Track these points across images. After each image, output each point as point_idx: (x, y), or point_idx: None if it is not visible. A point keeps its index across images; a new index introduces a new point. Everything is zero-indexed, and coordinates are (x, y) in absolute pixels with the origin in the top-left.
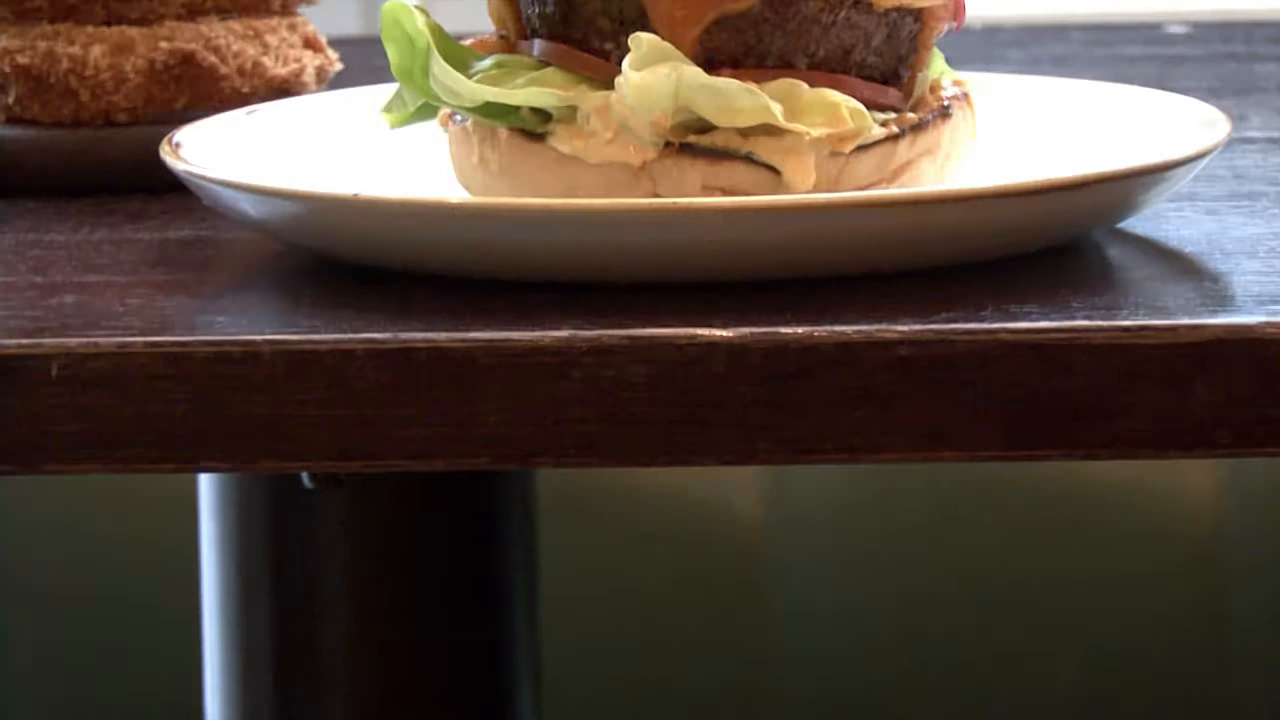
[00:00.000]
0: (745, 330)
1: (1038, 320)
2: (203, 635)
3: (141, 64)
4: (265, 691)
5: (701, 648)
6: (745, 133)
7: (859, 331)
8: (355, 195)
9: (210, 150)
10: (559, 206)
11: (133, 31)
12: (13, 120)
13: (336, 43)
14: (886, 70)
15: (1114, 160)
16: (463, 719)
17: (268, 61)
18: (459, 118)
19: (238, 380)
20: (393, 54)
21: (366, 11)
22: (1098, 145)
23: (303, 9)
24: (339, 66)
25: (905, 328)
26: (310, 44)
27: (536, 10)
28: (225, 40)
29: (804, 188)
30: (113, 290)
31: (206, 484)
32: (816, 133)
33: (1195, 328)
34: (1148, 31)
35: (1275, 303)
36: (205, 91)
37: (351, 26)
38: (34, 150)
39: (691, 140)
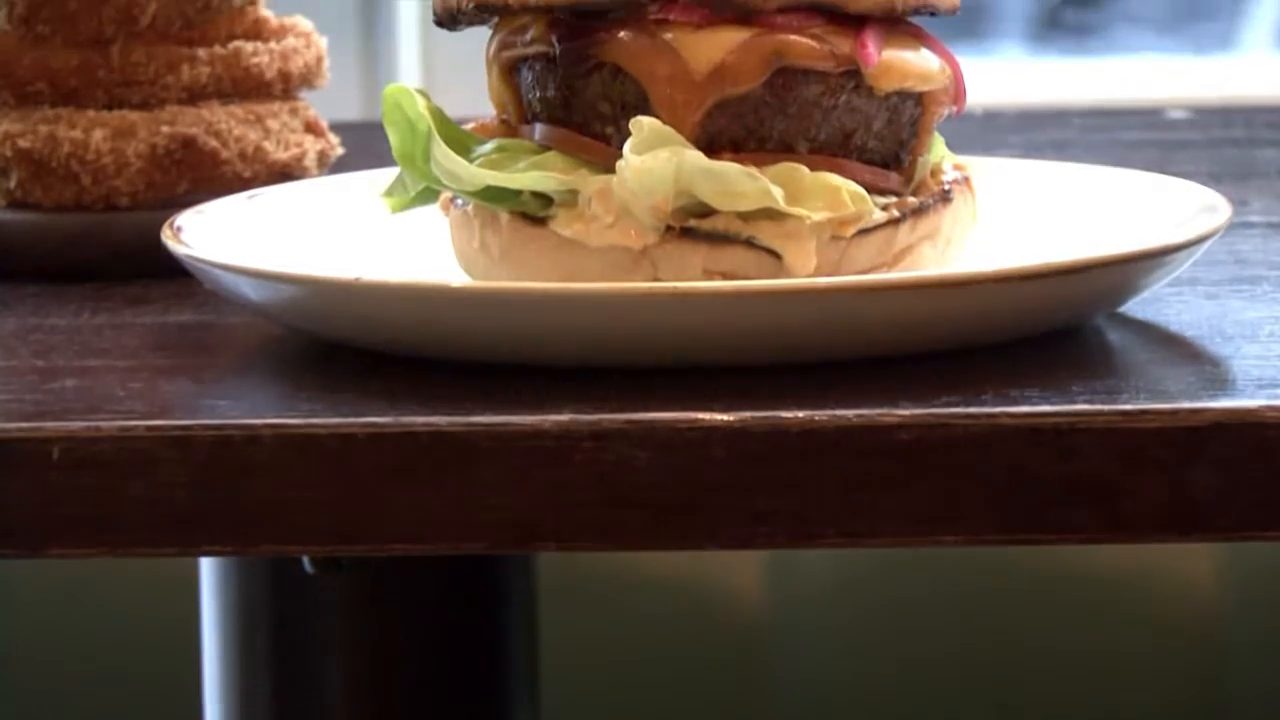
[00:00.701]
0: (746, 414)
1: (1038, 404)
2: (204, 718)
3: (143, 148)
4: None
5: None
6: (746, 217)
7: (859, 416)
8: (357, 279)
9: (212, 234)
10: (560, 291)
11: (134, 116)
12: (14, 204)
13: (338, 127)
14: (887, 154)
15: (1114, 245)
16: None
17: (269, 146)
18: (460, 202)
19: (239, 463)
20: (394, 138)
21: (368, 96)
22: (1098, 230)
23: (304, 94)
24: (340, 151)
25: (905, 412)
26: (312, 128)
27: (537, 94)
28: (227, 125)
29: (805, 272)
30: (114, 374)
31: (208, 566)
32: (817, 217)
33: (1196, 411)
34: (1148, 117)
35: (1276, 386)
36: (207, 176)
37: (353, 111)
38: (35, 234)
39: (692, 224)
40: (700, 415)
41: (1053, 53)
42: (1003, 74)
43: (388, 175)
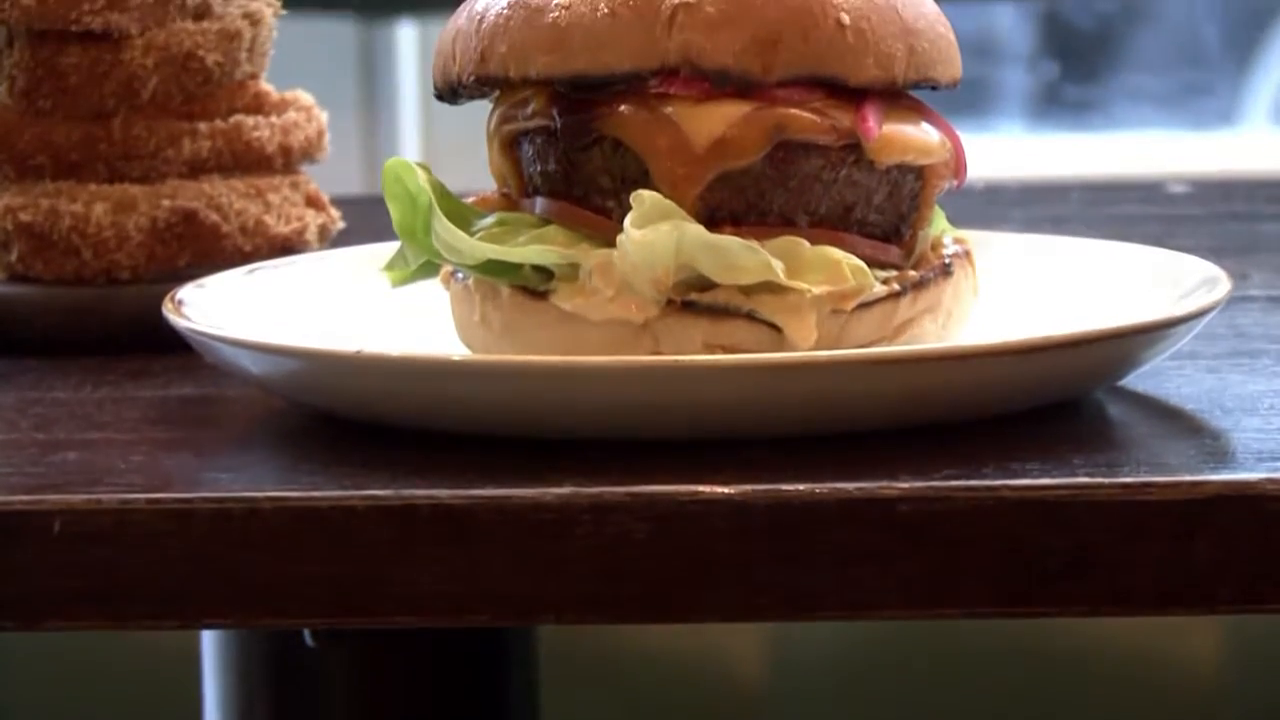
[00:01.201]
0: (747, 487)
1: (1039, 477)
2: None
3: (144, 222)
4: None
5: None
6: (747, 290)
7: (860, 489)
8: (358, 352)
9: (213, 308)
10: (561, 364)
11: (135, 189)
12: (15, 278)
13: (339, 201)
14: (888, 227)
15: (1115, 318)
16: None
17: (270, 219)
18: (460, 275)
19: (239, 537)
20: (394, 211)
21: (369, 170)
22: (1099, 303)
23: (306, 167)
24: (341, 225)
25: (906, 484)
26: (313, 202)
27: (538, 168)
28: (228, 198)
29: (806, 346)
30: (115, 447)
31: (209, 639)
32: (818, 290)
33: (1196, 484)
34: (1148, 191)
35: (1276, 459)
36: (208, 249)
37: (354, 185)
38: (36, 308)
39: (694, 298)
40: (701, 488)
41: (1053, 128)
42: (1003, 149)
43: (388, 249)
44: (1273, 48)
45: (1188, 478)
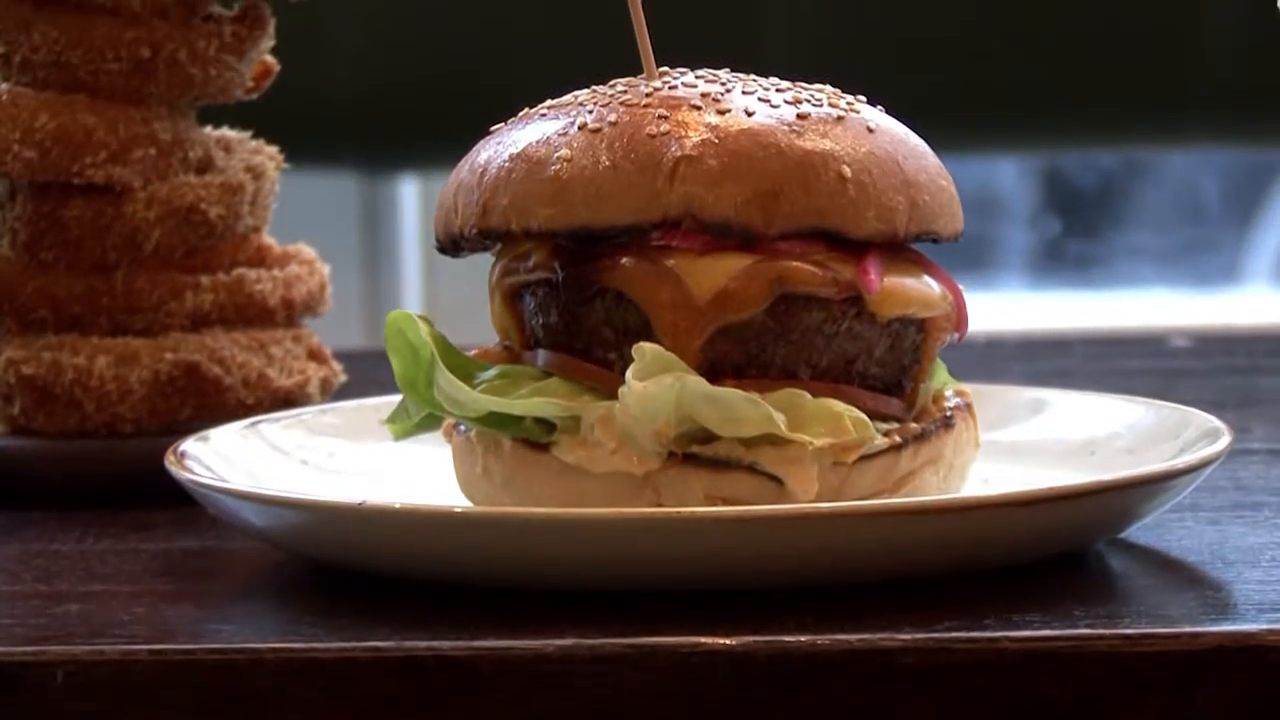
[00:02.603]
0: (749, 639)
1: (1040, 628)
2: None
3: (146, 375)
4: None
5: None
6: (748, 442)
7: (862, 640)
8: (361, 504)
9: (215, 460)
10: (562, 516)
11: (137, 343)
12: (18, 430)
13: (341, 355)
14: (889, 380)
15: (1116, 471)
16: None
17: (272, 372)
18: (463, 428)
19: (241, 688)
20: (396, 364)
21: (371, 324)
22: (1100, 455)
23: (308, 320)
24: (343, 378)
25: (908, 636)
26: (315, 356)
27: (540, 320)
28: (230, 351)
29: (807, 498)
30: (118, 599)
31: None
32: (819, 443)
33: (1197, 635)
34: (1150, 345)
35: (1277, 611)
36: (210, 402)
37: (356, 339)
38: (39, 461)
39: (695, 450)
40: (703, 639)
41: (1055, 285)
42: (1006, 306)
43: (390, 403)
44: (1274, 206)
45: (1189, 629)
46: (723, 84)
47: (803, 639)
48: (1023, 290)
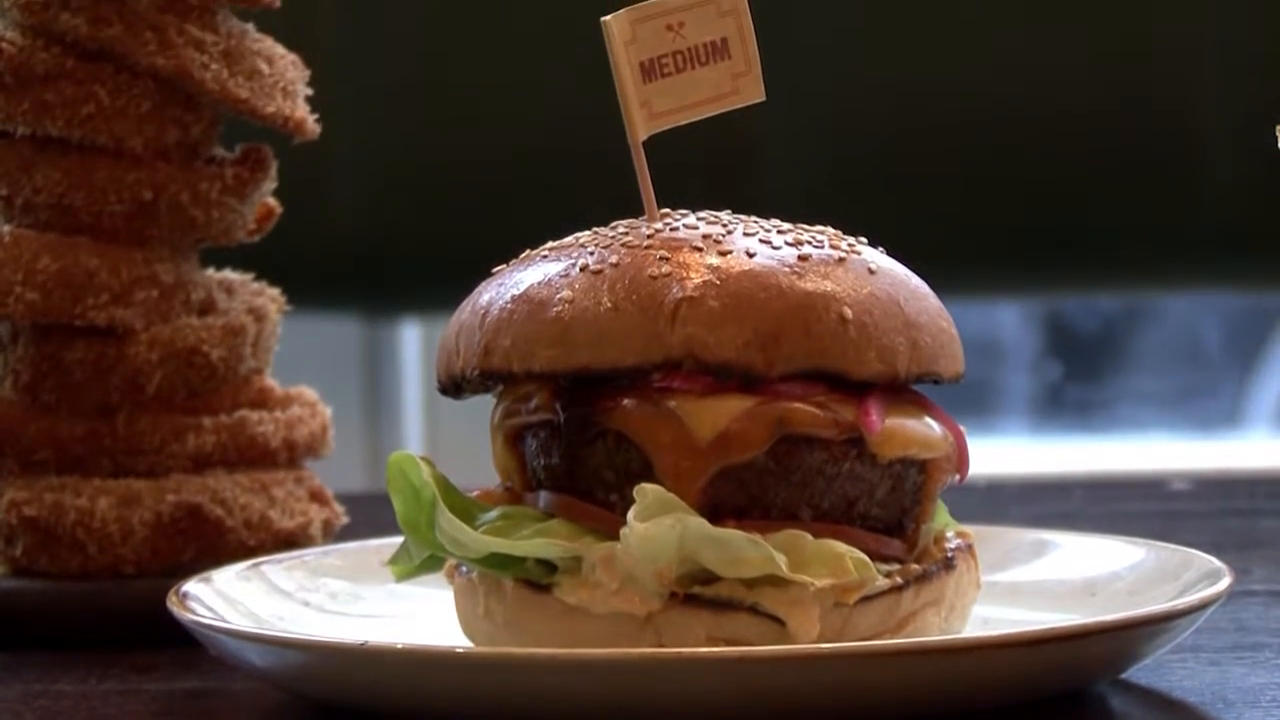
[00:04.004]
0: None
1: None
2: None
3: (148, 516)
4: None
5: None
6: (750, 583)
7: None
8: (363, 645)
9: (217, 602)
10: (564, 657)
11: (140, 484)
12: (20, 571)
13: (343, 497)
14: (890, 521)
15: (1117, 612)
16: None
17: (274, 514)
18: (465, 569)
19: None
20: (398, 505)
21: (372, 466)
22: (1101, 596)
23: (309, 462)
24: (345, 520)
25: None
26: (317, 497)
27: (541, 462)
28: (232, 493)
29: (809, 639)
30: None
31: None
32: (821, 584)
33: None
34: (1150, 488)
35: None
36: (212, 544)
37: (358, 481)
38: (41, 603)
39: (696, 591)
40: None
41: (1056, 430)
42: (1007, 450)
43: (392, 545)
44: (1275, 351)
45: None
46: (724, 225)
47: None
48: (1024, 435)
